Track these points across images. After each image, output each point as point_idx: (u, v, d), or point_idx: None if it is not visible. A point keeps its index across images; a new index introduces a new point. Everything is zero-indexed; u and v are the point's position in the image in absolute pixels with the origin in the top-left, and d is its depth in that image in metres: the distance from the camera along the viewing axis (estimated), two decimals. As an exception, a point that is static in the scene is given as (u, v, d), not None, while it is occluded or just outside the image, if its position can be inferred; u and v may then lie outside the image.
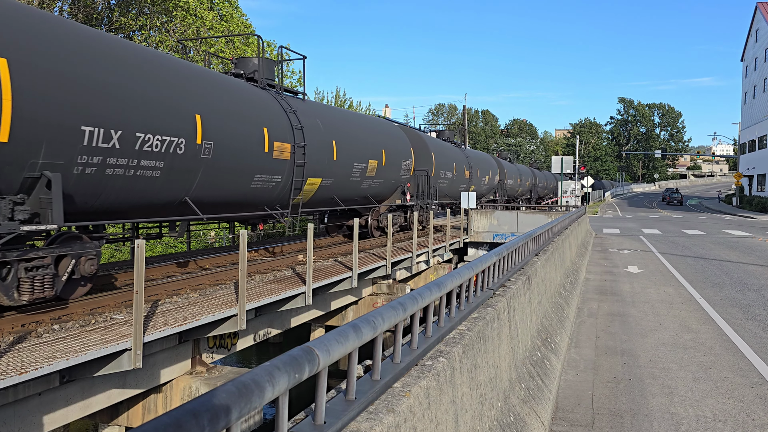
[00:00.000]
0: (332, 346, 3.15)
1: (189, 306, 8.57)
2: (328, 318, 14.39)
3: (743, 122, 69.57)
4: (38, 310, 7.84)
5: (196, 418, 2.06)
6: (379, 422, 3.33)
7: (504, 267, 8.04)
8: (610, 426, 6.80)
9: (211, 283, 10.41)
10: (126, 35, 26.46)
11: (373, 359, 3.92)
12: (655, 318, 12.24)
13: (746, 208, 57.95)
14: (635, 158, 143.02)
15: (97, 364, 6.65)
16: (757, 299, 14.09)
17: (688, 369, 8.83)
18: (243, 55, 28.45)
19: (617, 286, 16.08)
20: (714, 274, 18.07)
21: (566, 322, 10.96)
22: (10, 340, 6.53)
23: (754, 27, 65.41)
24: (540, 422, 6.30)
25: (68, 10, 23.74)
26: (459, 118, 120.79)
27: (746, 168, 65.05)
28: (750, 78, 66.73)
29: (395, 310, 4.04)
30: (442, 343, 4.92)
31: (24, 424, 6.55)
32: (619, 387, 8.10)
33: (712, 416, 7.02)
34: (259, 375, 2.53)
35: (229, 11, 29.44)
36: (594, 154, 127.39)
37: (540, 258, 11.04)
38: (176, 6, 26.13)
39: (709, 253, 23.19)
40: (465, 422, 4.57)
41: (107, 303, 8.59)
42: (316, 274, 11.61)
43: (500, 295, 7.00)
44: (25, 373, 5.67)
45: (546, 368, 7.84)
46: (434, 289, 4.89)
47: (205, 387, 8.48)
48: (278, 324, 11.30)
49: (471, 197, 23.25)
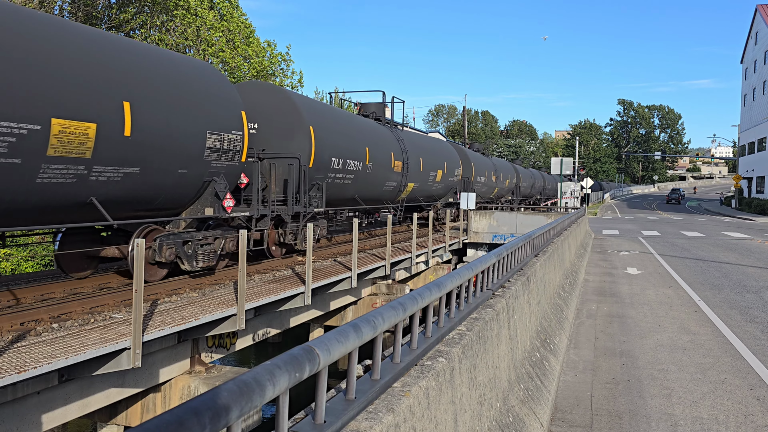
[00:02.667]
0: (333, 346, 3.15)
1: (188, 305, 8.57)
2: (327, 318, 14.39)
3: (743, 124, 69.65)
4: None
5: (197, 416, 2.06)
6: (378, 422, 3.34)
7: (503, 268, 8.05)
8: (609, 427, 6.80)
9: (211, 283, 10.41)
10: (126, 34, 26.47)
11: (372, 359, 3.93)
12: (653, 319, 12.25)
13: (745, 210, 58.00)
14: (635, 160, 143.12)
15: (96, 363, 6.65)
16: (756, 301, 14.11)
17: (686, 370, 8.84)
18: (245, 55, 28.66)
19: (616, 288, 16.10)
20: (713, 275, 18.09)
21: (565, 323, 10.97)
22: (10, 339, 6.53)
23: (754, 29, 65.49)
24: (539, 423, 6.31)
25: (68, 9, 23.74)
26: (459, 119, 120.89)
27: (745, 170, 65.10)
28: (749, 80, 66.81)
29: (395, 310, 4.05)
30: (442, 344, 4.93)
31: (23, 422, 6.55)
32: (617, 388, 8.11)
33: (711, 418, 7.03)
34: (260, 374, 2.53)
35: (230, 10, 29.44)
36: (593, 155, 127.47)
37: (539, 259, 11.04)
38: (176, 5, 26.13)
39: (707, 255, 23.22)
40: (464, 422, 4.58)
41: (106, 302, 8.59)
42: (315, 274, 11.62)
43: (500, 296, 7.00)
44: (24, 371, 5.67)
45: (545, 369, 7.85)
46: (434, 290, 4.89)
47: (204, 386, 8.48)
48: (277, 324, 11.30)
49: (471, 198, 23.24)
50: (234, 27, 28.81)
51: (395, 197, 19.62)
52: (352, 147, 15.60)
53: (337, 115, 15.88)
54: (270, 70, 30.30)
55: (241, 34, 29.23)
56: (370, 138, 17.16)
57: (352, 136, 15.94)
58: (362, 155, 16.13)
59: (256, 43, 30.00)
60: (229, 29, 28.53)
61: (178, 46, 27.02)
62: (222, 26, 28.15)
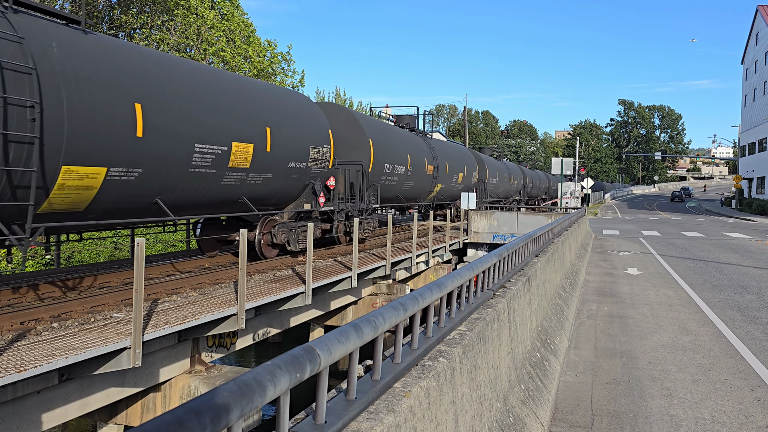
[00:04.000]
0: (333, 346, 3.14)
1: (188, 305, 8.57)
2: (327, 318, 14.39)
3: (743, 125, 69.63)
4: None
5: (197, 417, 2.05)
6: (379, 422, 3.33)
7: (504, 268, 8.04)
8: (609, 427, 6.80)
9: (211, 282, 10.40)
10: (127, 33, 26.46)
11: (373, 359, 3.92)
12: (654, 320, 12.24)
13: (746, 211, 57.96)
14: (635, 160, 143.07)
15: (96, 362, 6.65)
16: (756, 302, 14.10)
17: (687, 371, 8.83)
18: (245, 55, 28.67)
19: (616, 288, 16.09)
20: (713, 276, 18.08)
21: (566, 324, 10.96)
22: (10, 338, 6.52)
23: (755, 30, 65.46)
24: (539, 423, 6.30)
25: (69, 8, 23.72)
26: (459, 119, 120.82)
27: (746, 171, 65.07)
28: (750, 81, 66.79)
29: (396, 311, 4.04)
30: (443, 344, 4.92)
31: (23, 422, 6.54)
32: (618, 388, 8.10)
33: (711, 418, 7.02)
34: (261, 374, 2.53)
35: (230, 10, 29.43)
36: (594, 155, 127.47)
37: (540, 259, 11.03)
38: (177, 5, 26.13)
39: (708, 256, 23.21)
40: (465, 423, 4.57)
41: (107, 301, 8.59)
42: (315, 273, 11.61)
43: (500, 296, 7.00)
44: (24, 371, 5.66)
45: (545, 369, 7.84)
46: (435, 290, 4.89)
47: (204, 386, 8.47)
48: (277, 323, 11.29)
49: (471, 198, 23.23)
50: (234, 26, 28.81)
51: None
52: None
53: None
54: (270, 70, 30.30)
55: (241, 34, 29.23)
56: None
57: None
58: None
59: (256, 43, 30.00)
60: (230, 29, 28.52)
61: (179, 46, 27.02)
62: (223, 26, 28.15)
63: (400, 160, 19.15)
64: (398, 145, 19.46)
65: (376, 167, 17.06)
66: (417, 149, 21.36)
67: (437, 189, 23.81)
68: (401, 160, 19.23)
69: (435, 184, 23.35)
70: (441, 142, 26.30)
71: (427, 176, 22.29)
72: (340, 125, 16.21)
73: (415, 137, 22.26)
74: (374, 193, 16.69)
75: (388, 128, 19.91)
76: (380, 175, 17.55)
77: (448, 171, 24.75)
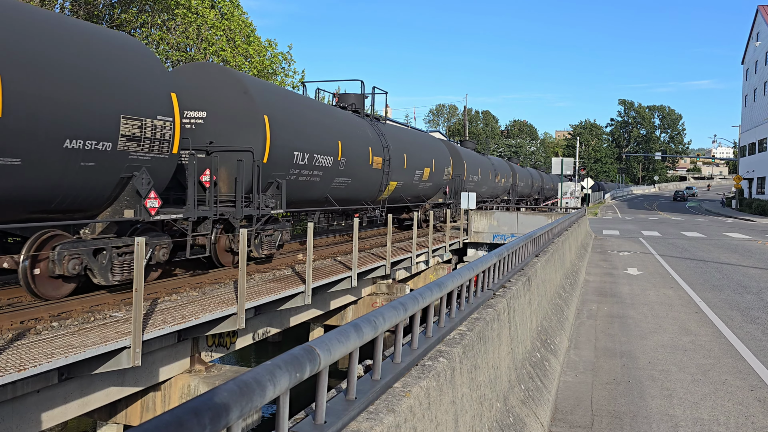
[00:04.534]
0: (333, 346, 3.14)
1: (188, 304, 8.57)
2: (327, 317, 14.39)
3: (743, 125, 69.62)
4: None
5: (197, 417, 2.05)
6: (379, 422, 3.33)
7: (504, 268, 8.04)
8: (610, 427, 6.79)
9: (211, 282, 10.40)
10: (127, 32, 26.44)
11: (373, 359, 3.91)
12: (654, 320, 12.24)
13: (746, 211, 57.95)
14: (635, 160, 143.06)
15: (96, 361, 6.64)
16: (757, 302, 14.09)
17: (687, 371, 8.83)
18: (245, 54, 28.63)
19: (617, 288, 16.08)
20: (713, 276, 18.08)
21: (566, 324, 10.96)
22: (9, 337, 6.52)
23: (755, 30, 65.43)
24: (539, 423, 6.29)
25: (69, 8, 23.72)
26: (459, 119, 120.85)
27: (746, 171, 65.06)
28: (750, 81, 66.77)
29: (396, 310, 4.04)
30: (443, 344, 4.91)
31: (22, 421, 6.54)
32: (618, 389, 8.10)
33: (711, 419, 7.01)
34: (261, 374, 2.52)
35: (230, 9, 29.42)
36: (594, 155, 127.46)
37: (540, 259, 11.03)
38: (177, 4, 26.13)
39: (708, 256, 23.20)
40: (465, 423, 4.57)
41: (106, 301, 8.58)
42: (315, 273, 11.61)
43: (500, 296, 6.99)
44: (24, 370, 5.66)
45: (545, 369, 7.84)
46: (435, 290, 4.88)
47: (203, 385, 8.47)
48: (277, 323, 11.29)
49: (471, 197, 23.24)
50: (235, 26, 28.79)
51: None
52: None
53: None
54: (271, 69, 30.30)
55: (241, 33, 29.22)
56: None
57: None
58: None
59: (256, 42, 29.98)
60: (230, 28, 28.51)
61: (179, 45, 27.02)
62: (223, 25, 28.14)
63: (325, 148, 14.08)
64: (322, 127, 14.36)
65: (276, 156, 12.04)
66: (356, 135, 16.14)
67: (391, 188, 18.57)
68: (326, 149, 14.15)
69: (387, 181, 17.97)
70: (398, 128, 21.49)
71: (373, 171, 16.99)
72: (218, 94, 11.72)
73: (357, 120, 17.17)
74: (276, 194, 12.13)
75: (305, 103, 14.46)
76: (288, 168, 12.64)
77: (407, 165, 19.37)
